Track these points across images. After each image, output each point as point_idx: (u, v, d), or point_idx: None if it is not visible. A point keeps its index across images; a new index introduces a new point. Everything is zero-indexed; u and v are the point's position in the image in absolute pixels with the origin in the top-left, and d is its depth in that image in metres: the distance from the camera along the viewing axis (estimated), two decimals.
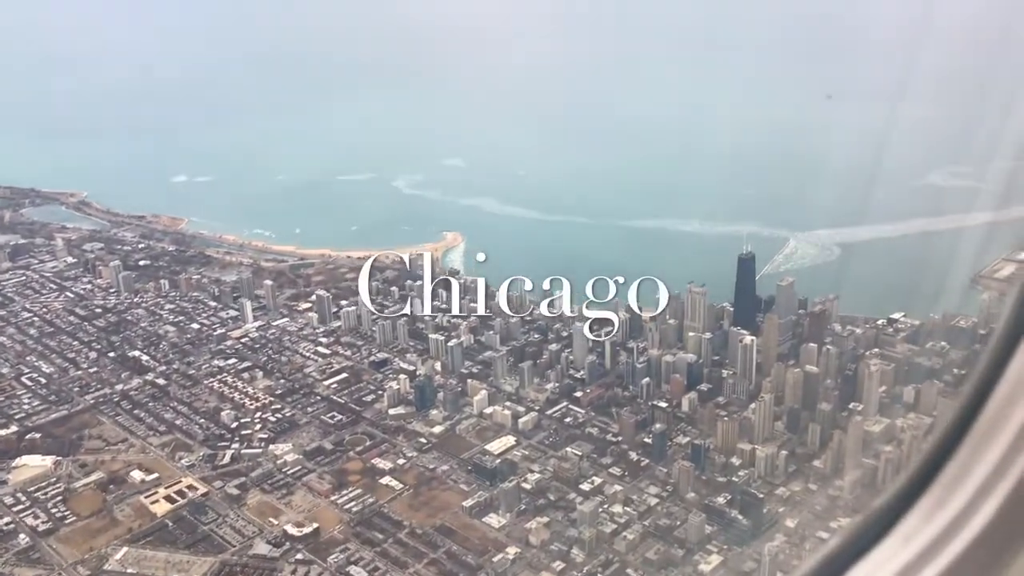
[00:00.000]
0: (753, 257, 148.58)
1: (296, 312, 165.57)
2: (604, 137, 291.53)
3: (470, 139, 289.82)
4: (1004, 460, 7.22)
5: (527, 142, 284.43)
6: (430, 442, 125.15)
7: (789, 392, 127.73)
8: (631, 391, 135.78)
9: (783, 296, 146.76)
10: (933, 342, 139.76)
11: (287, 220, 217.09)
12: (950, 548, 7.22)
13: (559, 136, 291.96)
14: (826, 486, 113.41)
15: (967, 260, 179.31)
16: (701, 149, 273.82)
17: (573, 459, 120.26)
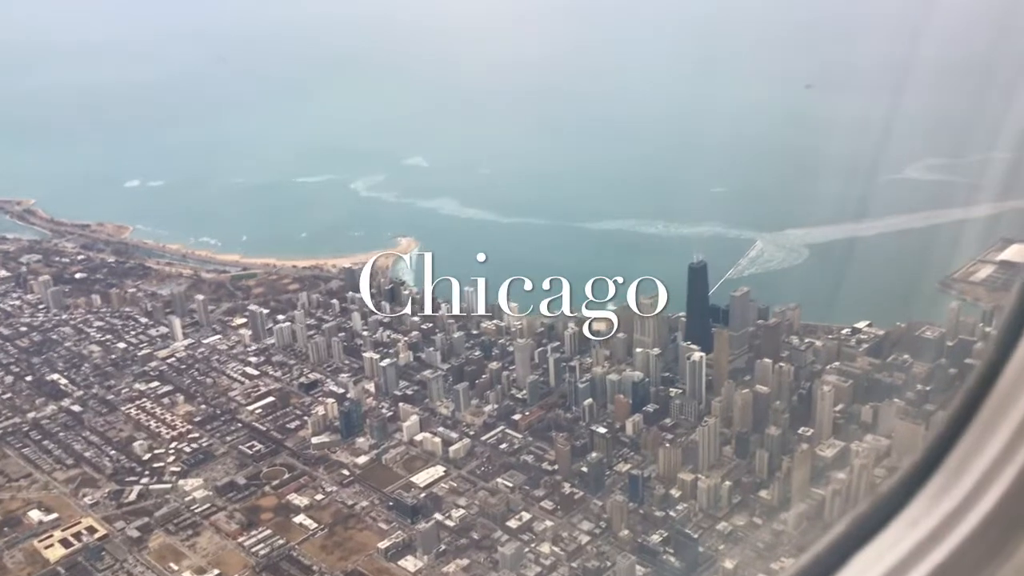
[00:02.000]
0: (705, 266, 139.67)
1: (230, 328, 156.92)
2: (575, 134, 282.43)
3: (436, 137, 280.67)
4: (1011, 444, 7.17)
5: (494, 139, 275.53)
6: (352, 474, 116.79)
7: (738, 414, 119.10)
8: (574, 412, 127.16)
9: (738, 307, 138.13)
10: (896, 355, 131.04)
11: (236, 226, 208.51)
12: (956, 532, 7.15)
13: (528, 133, 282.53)
14: (772, 520, 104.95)
15: (940, 262, 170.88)
16: (674, 145, 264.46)
17: (504, 492, 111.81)
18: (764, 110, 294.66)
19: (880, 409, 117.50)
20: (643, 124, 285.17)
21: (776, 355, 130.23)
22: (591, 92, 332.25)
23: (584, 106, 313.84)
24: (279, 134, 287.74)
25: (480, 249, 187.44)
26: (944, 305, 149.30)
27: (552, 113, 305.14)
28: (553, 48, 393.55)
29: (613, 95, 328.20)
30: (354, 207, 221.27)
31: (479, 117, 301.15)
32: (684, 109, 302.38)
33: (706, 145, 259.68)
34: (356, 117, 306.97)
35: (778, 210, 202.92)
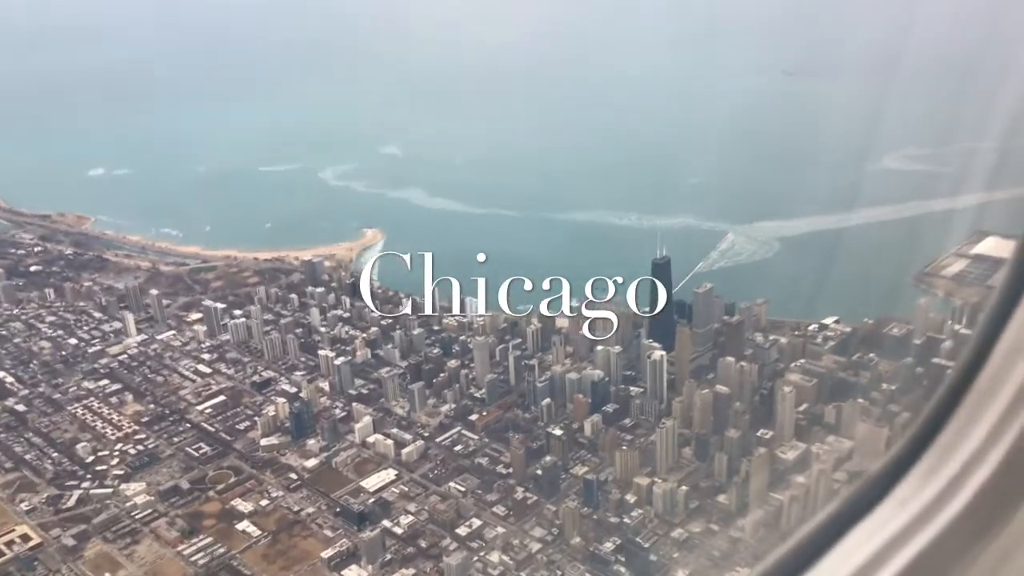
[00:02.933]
0: (669, 262, 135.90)
1: (185, 324, 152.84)
2: (554, 121, 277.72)
3: (411, 125, 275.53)
4: (998, 426, 7.26)
5: (472, 127, 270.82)
6: (300, 478, 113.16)
7: (698, 415, 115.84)
8: (532, 412, 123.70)
9: (701, 304, 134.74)
10: (862, 353, 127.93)
11: (199, 216, 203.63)
12: (945, 513, 7.21)
13: (507, 120, 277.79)
14: (729, 526, 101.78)
15: (915, 255, 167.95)
16: (651, 133, 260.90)
17: (455, 497, 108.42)
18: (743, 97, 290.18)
19: (843, 409, 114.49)
20: (621, 112, 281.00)
21: (740, 353, 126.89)
22: (572, 78, 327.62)
23: (564, 92, 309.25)
24: (250, 121, 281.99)
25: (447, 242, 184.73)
26: (916, 301, 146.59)
27: (532, 99, 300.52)
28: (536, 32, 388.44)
29: (594, 81, 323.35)
30: (321, 197, 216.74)
31: (458, 104, 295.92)
32: (664, 96, 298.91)
33: (684, 134, 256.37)
34: (332, 104, 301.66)
35: (752, 202, 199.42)
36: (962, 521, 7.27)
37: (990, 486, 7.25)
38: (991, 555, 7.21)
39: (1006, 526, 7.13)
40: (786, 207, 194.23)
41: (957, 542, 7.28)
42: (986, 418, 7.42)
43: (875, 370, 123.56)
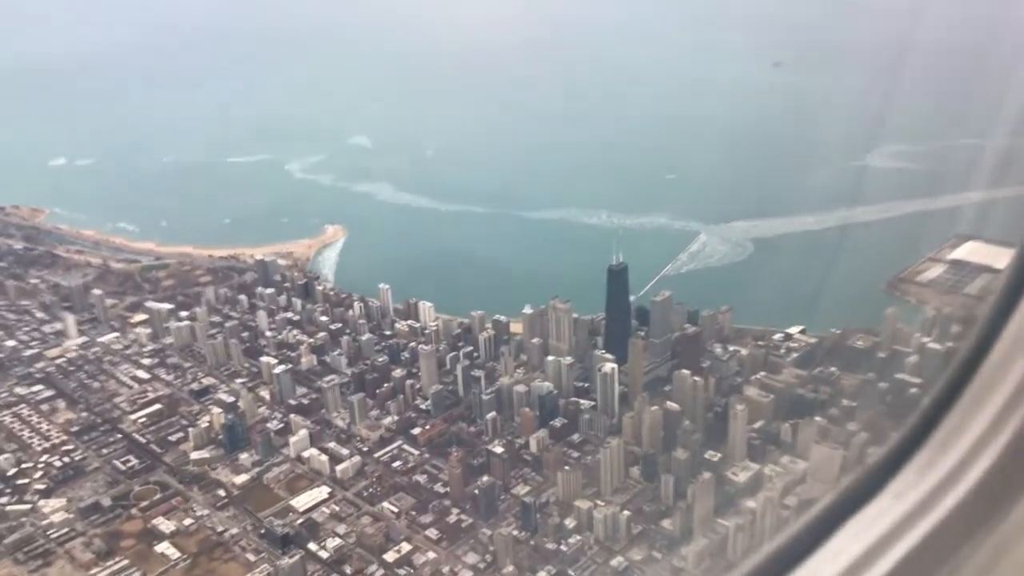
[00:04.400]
0: (625, 268, 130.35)
1: (129, 325, 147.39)
2: (531, 114, 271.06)
3: (385, 115, 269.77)
4: (997, 421, 7.21)
5: (446, 119, 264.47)
6: (228, 496, 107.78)
7: (647, 433, 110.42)
8: (478, 426, 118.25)
9: (659, 312, 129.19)
10: (823, 367, 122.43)
11: (158, 210, 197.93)
12: (941, 506, 7.19)
13: (483, 113, 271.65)
14: (672, 554, 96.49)
15: (891, 260, 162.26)
16: (631, 128, 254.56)
17: (389, 518, 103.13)
18: (729, 90, 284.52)
19: (800, 427, 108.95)
20: (602, 105, 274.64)
21: (696, 366, 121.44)
22: (552, 69, 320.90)
23: (544, 84, 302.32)
24: (219, 111, 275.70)
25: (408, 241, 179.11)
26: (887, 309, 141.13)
27: (510, 92, 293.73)
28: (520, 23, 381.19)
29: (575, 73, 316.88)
30: (285, 190, 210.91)
31: (434, 93, 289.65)
32: (647, 89, 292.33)
33: (665, 128, 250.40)
34: (305, 93, 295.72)
35: (728, 200, 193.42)
36: (958, 516, 7.12)
37: (988, 480, 7.10)
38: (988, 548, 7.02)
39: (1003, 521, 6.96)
40: (763, 206, 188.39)
41: (953, 537, 7.11)
42: (986, 412, 7.26)
43: (836, 385, 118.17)
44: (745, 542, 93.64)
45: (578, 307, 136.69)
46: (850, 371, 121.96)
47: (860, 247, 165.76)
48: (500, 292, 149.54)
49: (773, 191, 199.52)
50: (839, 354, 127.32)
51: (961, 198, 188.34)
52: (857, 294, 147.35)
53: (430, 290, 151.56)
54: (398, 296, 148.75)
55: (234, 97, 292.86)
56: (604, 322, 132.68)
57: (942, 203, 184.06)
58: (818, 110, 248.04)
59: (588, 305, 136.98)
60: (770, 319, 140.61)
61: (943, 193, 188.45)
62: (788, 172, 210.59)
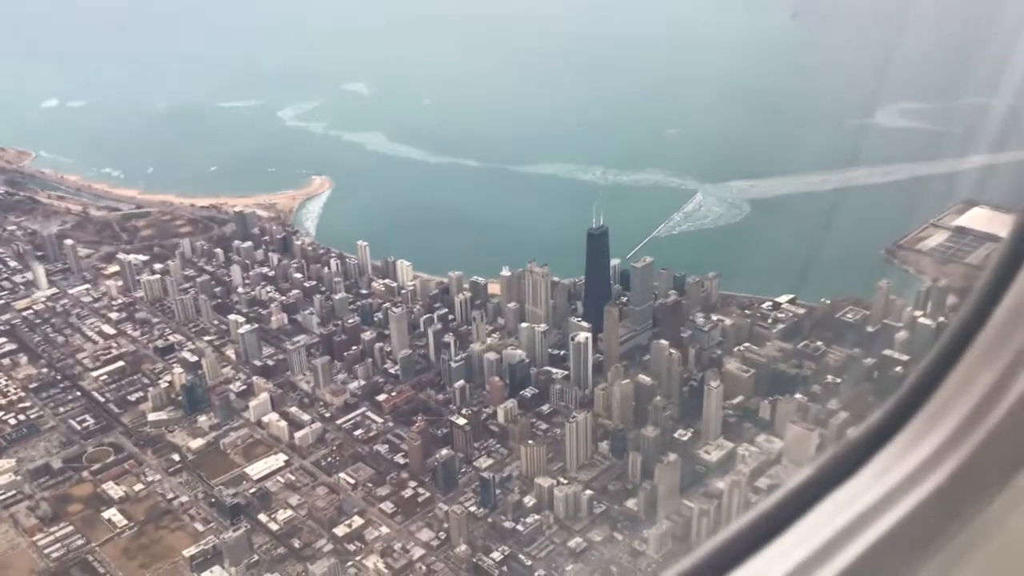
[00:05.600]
0: (606, 232, 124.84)
1: (101, 277, 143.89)
2: (536, 63, 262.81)
3: (384, 60, 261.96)
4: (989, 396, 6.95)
5: (447, 66, 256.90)
6: (183, 461, 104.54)
7: (617, 408, 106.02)
8: (447, 393, 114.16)
9: (640, 279, 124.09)
10: (809, 341, 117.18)
11: (144, 156, 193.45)
12: (926, 485, 6.95)
13: (486, 61, 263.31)
14: (634, 537, 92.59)
15: (893, 224, 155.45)
16: (637, 78, 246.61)
17: (345, 489, 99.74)
18: (740, 42, 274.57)
19: (779, 405, 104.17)
20: (616, 54, 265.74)
21: (676, 336, 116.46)
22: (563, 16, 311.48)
23: (552, 32, 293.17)
24: (215, 51, 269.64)
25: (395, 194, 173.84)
26: (886, 275, 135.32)
27: (516, 39, 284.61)
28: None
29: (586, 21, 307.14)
30: (275, 138, 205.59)
31: (437, 39, 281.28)
32: (657, 39, 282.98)
33: (671, 81, 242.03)
34: (302, 33, 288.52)
35: (729, 157, 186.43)
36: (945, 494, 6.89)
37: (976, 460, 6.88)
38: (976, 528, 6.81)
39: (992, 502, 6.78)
40: (764, 164, 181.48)
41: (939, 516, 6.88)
42: (978, 387, 6.99)
43: (820, 361, 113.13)
44: (710, 526, 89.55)
45: (562, 269, 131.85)
46: (837, 345, 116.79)
47: (861, 210, 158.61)
48: (483, 250, 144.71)
49: (775, 149, 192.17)
50: (827, 326, 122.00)
51: (972, 160, 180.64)
52: (854, 261, 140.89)
53: (412, 246, 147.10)
54: (379, 252, 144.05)
55: (231, 39, 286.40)
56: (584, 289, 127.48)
57: (951, 165, 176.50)
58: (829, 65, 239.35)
59: (572, 267, 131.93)
60: (760, 286, 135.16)
61: (953, 155, 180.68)
62: (793, 129, 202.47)
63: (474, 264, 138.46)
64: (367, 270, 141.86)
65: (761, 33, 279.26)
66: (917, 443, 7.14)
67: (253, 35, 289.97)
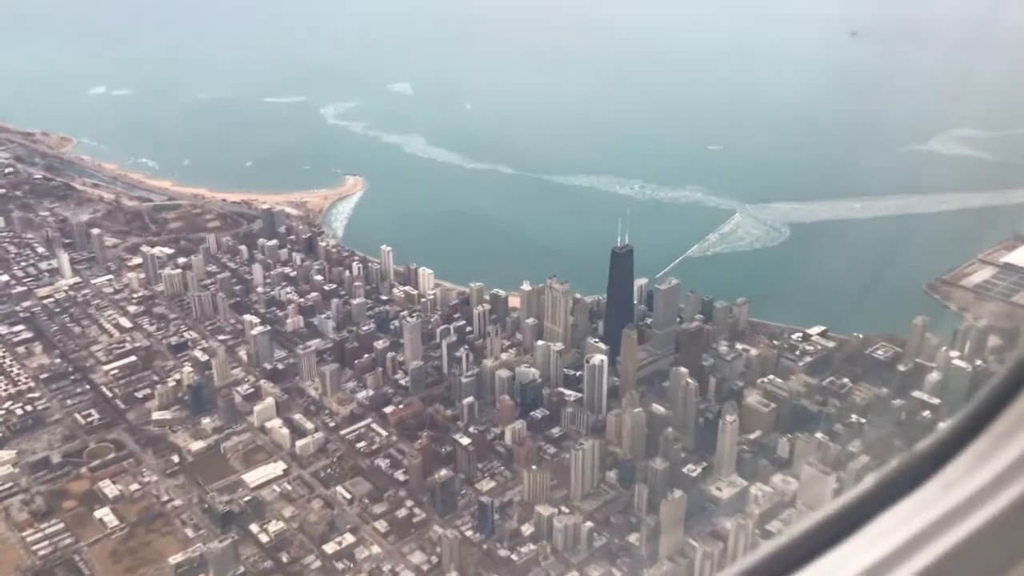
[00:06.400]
0: (630, 251, 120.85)
1: (125, 268, 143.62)
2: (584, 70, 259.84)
3: (432, 62, 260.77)
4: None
5: (494, 70, 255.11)
6: (183, 462, 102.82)
7: (627, 437, 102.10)
8: (456, 409, 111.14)
9: (663, 302, 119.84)
10: (836, 377, 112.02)
11: (182, 147, 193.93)
12: (997, 500, 6.72)
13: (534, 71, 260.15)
14: (633, 574, 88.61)
15: (938, 257, 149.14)
16: (684, 91, 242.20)
17: (341, 503, 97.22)
18: (794, 59, 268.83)
19: (798, 443, 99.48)
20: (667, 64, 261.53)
21: (697, 364, 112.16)
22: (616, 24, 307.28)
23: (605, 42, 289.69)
24: (266, 45, 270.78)
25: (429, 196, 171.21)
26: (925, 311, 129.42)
27: (567, 46, 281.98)
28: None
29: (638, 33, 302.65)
30: (314, 135, 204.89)
31: (486, 42, 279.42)
32: (708, 54, 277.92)
33: (718, 96, 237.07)
34: (355, 32, 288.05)
35: (771, 177, 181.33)
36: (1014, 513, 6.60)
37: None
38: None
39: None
40: (808, 187, 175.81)
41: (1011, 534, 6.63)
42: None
43: (846, 399, 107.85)
44: (714, 569, 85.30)
45: (589, 285, 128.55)
46: (865, 383, 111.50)
47: (905, 241, 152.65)
48: (510, 261, 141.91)
49: (821, 171, 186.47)
50: (857, 362, 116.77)
51: None
52: (892, 295, 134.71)
53: (438, 253, 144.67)
54: (404, 258, 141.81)
55: (283, 34, 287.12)
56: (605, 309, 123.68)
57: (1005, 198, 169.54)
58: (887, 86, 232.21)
59: (599, 284, 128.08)
60: (792, 315, 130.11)
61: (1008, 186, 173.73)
62: (841, 152, 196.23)
63: (499, 275, 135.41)
64: (389, 276, 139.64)
65: (817, 50, 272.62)
66: (987, 459, 6.98)
67: (306, 32, 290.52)
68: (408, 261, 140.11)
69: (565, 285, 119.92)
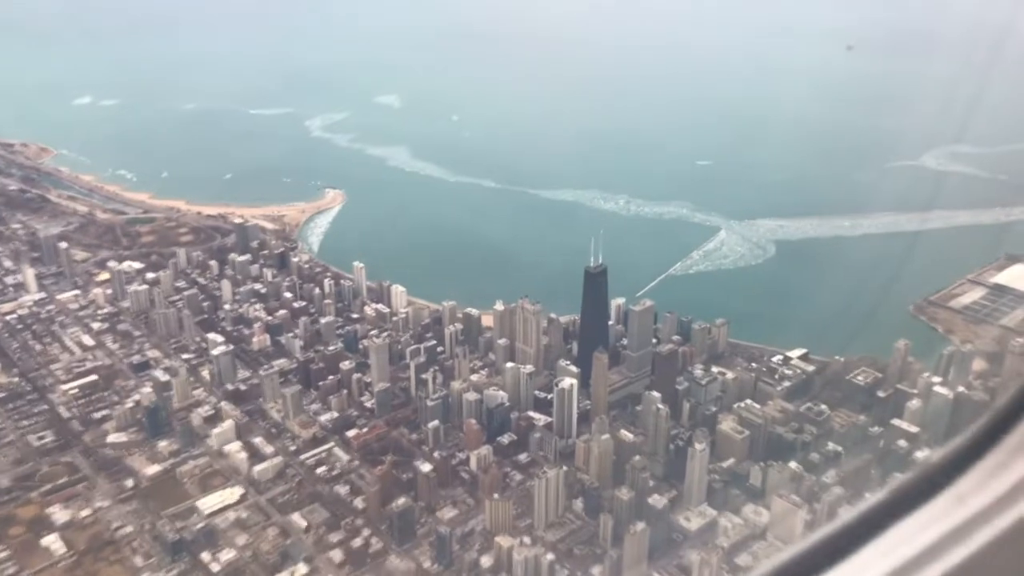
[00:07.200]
0: (604, 271, 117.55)
1: (93, 283, 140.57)
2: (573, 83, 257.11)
3: (421, 74, 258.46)
4: None
5: (483, 83, 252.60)
6: (136, 487, 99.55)
7: (594, 464, 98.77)
8: (422, 433, 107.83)
9: (638, 323, 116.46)
10: (814, 403, 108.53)
11: (163, 159, 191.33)
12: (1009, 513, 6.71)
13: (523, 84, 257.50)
14: None
15: (925, 277, 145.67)
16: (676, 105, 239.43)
17: (297, 531, 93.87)
18: (791, 71, 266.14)
19: (771, 473, 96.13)
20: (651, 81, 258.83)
21: (670, 388, 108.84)
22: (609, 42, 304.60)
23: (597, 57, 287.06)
24: (257, 56, 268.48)
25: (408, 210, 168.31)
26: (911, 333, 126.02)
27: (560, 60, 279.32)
28: None
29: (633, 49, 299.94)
30: (298, 147, 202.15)
31: (480, 57, 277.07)
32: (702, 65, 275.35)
33: (709, 109, 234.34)
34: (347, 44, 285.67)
35: (759, 193, 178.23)
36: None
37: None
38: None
39: None
40: (795, 203, 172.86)
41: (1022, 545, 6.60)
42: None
43: (823, 426, 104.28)
44: None
45: (566, 304, 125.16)
46: (844, 409, 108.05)
47: (892, 260, 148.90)
48: (487, 278, 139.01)
49: (809, 187, 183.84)
50: (836, 387, 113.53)
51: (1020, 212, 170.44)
52: (877, 316, 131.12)
53: (414, 270, 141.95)
54: (379, 274, 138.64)
55: (275, 45, 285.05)
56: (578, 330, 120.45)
57: (997, 216, 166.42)
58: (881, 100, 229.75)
59: (578, 302, 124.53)
60: (773, 337, 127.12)
61: (1002, 205, 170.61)
62: (831, 167, 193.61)
63: (475, 292, 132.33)
64: (362, 293, 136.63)
65: (812, 64, 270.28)
66: (999, 472, 6.87)
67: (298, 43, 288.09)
68: (383, 277, 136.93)
69: (537, 306, 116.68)
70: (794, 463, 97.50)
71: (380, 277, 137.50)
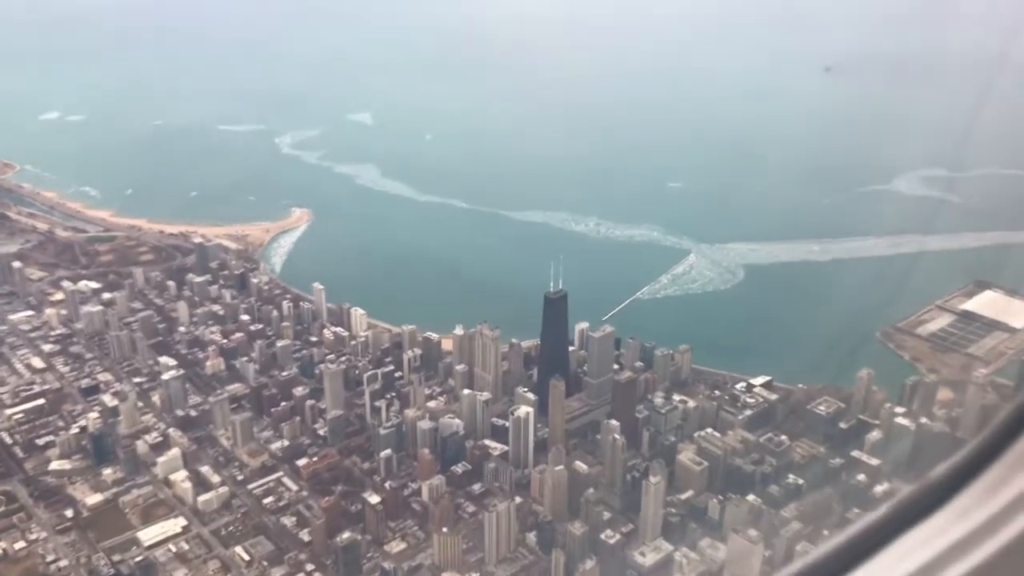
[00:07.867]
0: (564, 296, 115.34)
1: (48, 303, 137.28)
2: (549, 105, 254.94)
3: (397, 92, 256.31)
4: None
5: (459, 100, 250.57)
6: (76, 517, 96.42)
7: (549, 495, 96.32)
8: (375, 462, 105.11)
9: (597, 350, 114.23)
10: (775, 433, 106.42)
11: (127, 176, 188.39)
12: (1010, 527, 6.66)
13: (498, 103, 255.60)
14: None
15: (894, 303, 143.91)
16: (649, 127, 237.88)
17: (239, 565, 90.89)
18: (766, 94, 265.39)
19: (729, 506, 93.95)
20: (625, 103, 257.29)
21: (630, 417, 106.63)
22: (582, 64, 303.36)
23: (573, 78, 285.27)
24: (230, 72, 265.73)
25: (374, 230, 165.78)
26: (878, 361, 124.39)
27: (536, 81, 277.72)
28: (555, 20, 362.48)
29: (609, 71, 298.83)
30: (266, 165, 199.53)
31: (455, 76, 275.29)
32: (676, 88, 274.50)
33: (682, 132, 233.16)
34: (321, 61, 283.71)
35: (731, 216, 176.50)
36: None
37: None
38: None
39: None
40: (764, 227, 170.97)
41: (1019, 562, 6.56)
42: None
43: (783, 457, 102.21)
44: None
45: (529, 328, 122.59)
46: (805, 440, 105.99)
47: (861, 286, 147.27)
48: (450, 301, 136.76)
49: (781, 211, 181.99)
50: (799, 417, 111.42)
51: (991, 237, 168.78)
52: (843, 343, 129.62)
53: (376, 292, 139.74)
54: (341, 296, 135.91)
55: (248, 61, 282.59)
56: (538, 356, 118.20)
57: (967, 241, 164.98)
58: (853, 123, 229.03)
59: None
60: (738, 363, 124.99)
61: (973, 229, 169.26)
62: (803, 191, 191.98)
63: (437, 315, 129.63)
64: (321, 315, 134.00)
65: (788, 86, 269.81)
66: (1000, 487, 6.84)
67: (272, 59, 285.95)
68: (345, 299, 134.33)
69: (496, 331, 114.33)
70: (752, 496, 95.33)
71: (342, 299, 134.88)
